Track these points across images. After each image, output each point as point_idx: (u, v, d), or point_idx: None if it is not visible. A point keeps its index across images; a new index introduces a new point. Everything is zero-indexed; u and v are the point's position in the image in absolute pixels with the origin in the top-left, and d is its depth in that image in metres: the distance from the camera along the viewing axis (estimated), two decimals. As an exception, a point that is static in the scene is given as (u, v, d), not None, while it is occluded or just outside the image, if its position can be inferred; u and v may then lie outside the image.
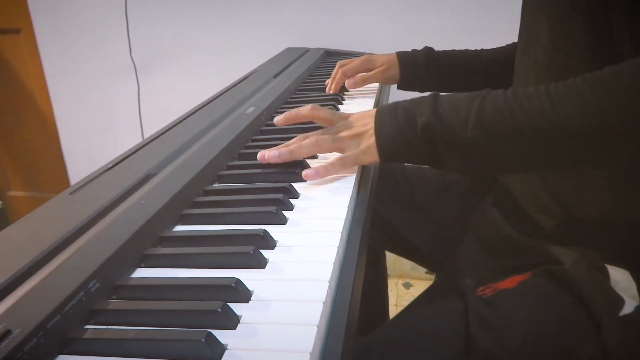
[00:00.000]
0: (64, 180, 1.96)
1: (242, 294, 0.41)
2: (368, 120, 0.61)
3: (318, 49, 1.45)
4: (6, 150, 2.00)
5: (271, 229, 0.51)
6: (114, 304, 0.42)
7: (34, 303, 0.38)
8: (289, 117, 0.70)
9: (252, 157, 0.71)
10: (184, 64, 1.70)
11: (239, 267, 0.46)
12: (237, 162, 0.71)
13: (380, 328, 0.62)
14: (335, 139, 0.63)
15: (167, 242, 0.51)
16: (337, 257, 0.47)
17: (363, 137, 0.61)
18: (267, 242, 0.49)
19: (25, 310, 0.37)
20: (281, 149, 0.65)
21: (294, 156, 0.64)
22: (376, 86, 1.08)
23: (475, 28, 1.44)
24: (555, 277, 0.58)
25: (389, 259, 1.09)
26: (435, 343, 0.58)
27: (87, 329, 0.39)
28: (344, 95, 1.04)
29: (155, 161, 0.64)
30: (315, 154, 0.69)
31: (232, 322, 0.38)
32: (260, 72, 1.19)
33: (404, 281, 1.77)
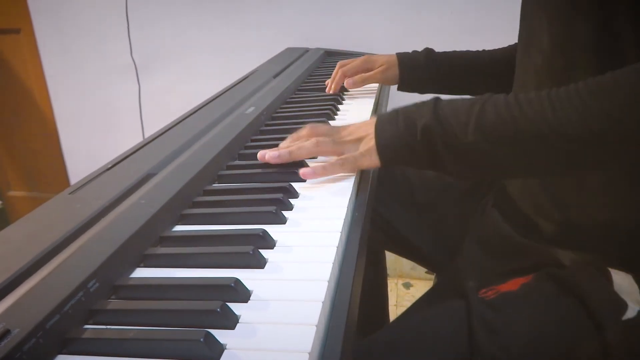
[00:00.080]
0: (64, 180, 1.96)
1: (242, 293, 0.42)
2: (369, 127, 0.61)
3: (318, 49, 1.45)
4: (6, 150, 2.00)
5: (271, 228, 0.51)
6: (114, 303, 0.42)
7: (33, 303, 0.38)
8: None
9: (251, 157, 0.71)
10: (184, 64, 1.70)
11: (238, 267, 0.46)
12: (237, 162, 0.71)
13: (381, 329, 0.62)
14: (335, 141, 0.64)
15: (166, 242, 0.51)
16: (337, 257, 0.47)
17: (363, 141, 0.61)
18: (267, 242, 0.49)
19: (24, 310, 0.37)
20: (281, 149, 0.65)
21: (293, 157, 0.65)
22: (376, 86, 1.08)
23: (475, 28, 1.44)
24: (558, 281, 0.58)
25: (389, 259, 1.09)
26: (437, 344, 0.58)
27: (87, 328, 0.39)
28: (344, 95, 1.04)
29: (155, 161, 0.64)
30: (315, 156, 0.69)
31: (231, 321, 0.38)
32: (260, 72, 1.19)
33: (404, 281, 1.77)
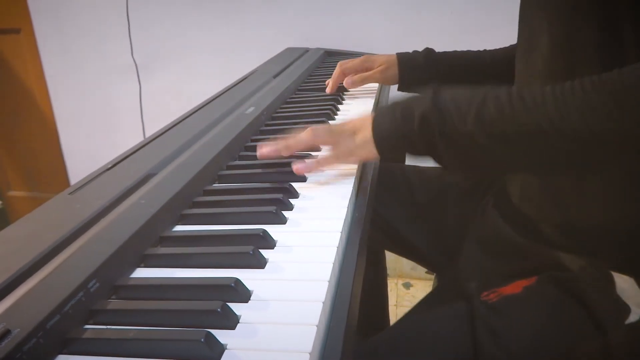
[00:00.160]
0: (64, 180, 1.95)
1: (242, 293, 0.42)
2: (366, 119, 0.61)
3: (318, 49, 1.45)
4: (6, 150, 2.00)
5: (271, 228, 0.51)
6: (114, 303, 0.42)
7: (33, 303, 0.38)
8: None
9: (252, 157, 0.71)
10: (185, 64, 1.70)
11: (238, 267, 0.46)
12: (237, 162, 0.71)
13: (383, 331, 0.62)
14: (332, 132, 0.63)
15: (166, 242, 0.51)
16: (337, 257, 0.47)
17: (360, 131, 0.60)
18: (267, 242, 0.49)
19: (24, 310, 0.37)
20: (278, 143, 0.64)
21: (290, 149, 0.64)
22: (376, 86, 1.08)
23: (475, 28, 1.44)
24: (560, 284, 0.57)
25: (389, 259, 1.09)
26: (439, 346, 0.58)
27: (87, 328, 0.39)
28: (344, 95, 1.04)
29: (155, 161, 0.64)
30: (312, 147, 0.68)
31: (231, 322, 0.38)
32: (260, 72, 1.19)
33: (404, 281, 1.77)
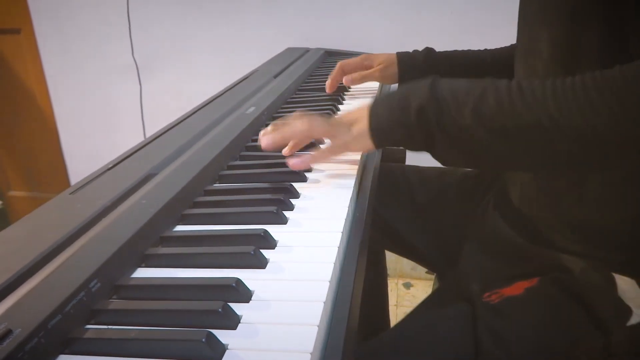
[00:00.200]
0: (64, 180, 1.96)
1: (243, 293, 0.42)
2: (363, 109, 0.59)
3: (318, 49, 1.45)
4: (6, 150, 2.00)
5: (272, 229, 0.51)
6: (115, 303, 0.42)
7: (34, 303, 0.38)
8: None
9: (252, 157, 0.71)
10: (185, 64, 1.70)
11: (239, 267, 0.46)
12: (238, 162, 0.71)
13: (384, 331, 0.61)
14: (329, 123, 0.61)
15: (167, 242, 0.51)
16: (338, 257, 0.47)
17: (357, 123, 0.59)
18: (268, 242, 0.49)
19: (26, 310, 0.37)
20: (275, 134, 0.63)
21: (286, 139, 0.63)
22: (376, 86, 1.08)
23: (475, 28, 1.44)
24: (562, 286, 0.57)
25: (389, 259, 1.09)
26: (441, 347, 0.58)
27: (88, 328, 0.39)
28: (345, 95, 1.04)
29: (156, 161, 0.64)
30: (307, 137, 0.66)
31: (232, 322, 0.38)
32: (261, 72, 1.19)
33: (404, 281, 1.77)
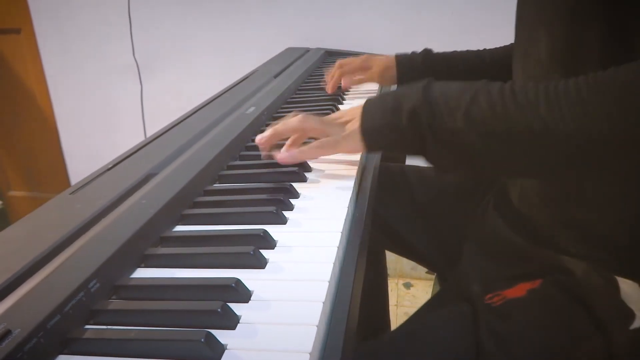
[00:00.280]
0: (64, 180, 1.96)
1: (242, 294, 0.42)
2: (357, 109, 0.59)
3: (318, 49, 1.45)
4: (6, 150, 2.00)
5: (271, 229, 0.51)
6: (114, 304, 0.42)
7: (34, 303, 0.38)
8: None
9: (252, 157, 0.71)
10: (185, 64, 1.70)
11: (239, 267, 0.46)
12: (238, 162, 0.71)
13: (387, 333, 0.61)
14: (322, 121, 0.62)
15: (167, 242, 0.51)
16: (337, 257, 0.47)
17: (349, 124, 0.59)
18: (267, 242, 0.49)
19: (25, 311, 0.37)
20: (268, 131, 0.63)
21: (279, 135, 0.63)
22: (376, 87, 1.08)
23: (475, 28, 1.44)
24: (565, 288, 0.56)
25: (389, 259, 1.09)
26: (443, 349, 0.57)
27: (87, 329, 0.39)
28: (345, 96, 1.04)
29: (155, 161, 0.64)
30: (300, 134, 0.65)
31: (232, 322, 0.38)
32: (261, 72, 1.19)
33: (404, 281, 1.77)
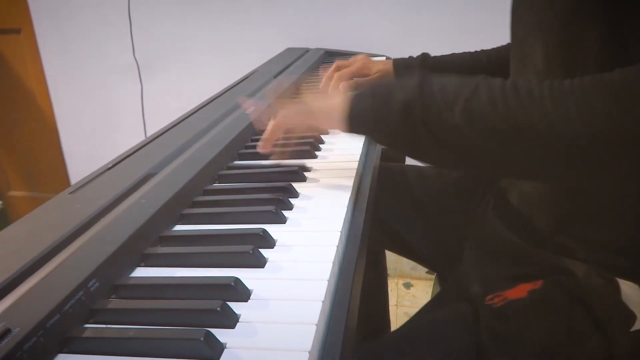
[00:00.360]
0: (64, 180, 1.96)
1: (242, 293, 0.42)
2: (343, 95, 0.56)
3: (318, 49, 1.45)
4: (6, 150, 2.00)
5: (270, 228, 0.51)
6: (114, 303, 0.42)
7: (33, 302, 0.38)
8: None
9: (252, 156, 0.71)
10: (186, 64, 1.70)
11: (238, 266, 0.46)
12: (237, 162, 0.71)
13: (388, 334, 0.61)
14: (303, 110, 0.60)
15: (166, 242, 0.51)
16: (337, 256, 0.47)
17: (331, 101, 0.57)
18: (267, 241, 0.49)
19: (24, 310, 0.37)
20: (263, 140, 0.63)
21: (270, 142, 0.63)
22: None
23: (475, 28, 1.44)
24: (566, 289, 0.56)
25: (389, 259, 1.09)
26: (443, 350, 0.57)
27: (87, 328, 0.39)
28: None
29: (155, 161, 0.65)
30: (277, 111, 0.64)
31: (231, 321, 0.39)
32: (261, 72, 1.19)
33: (404, 281, 1.77)
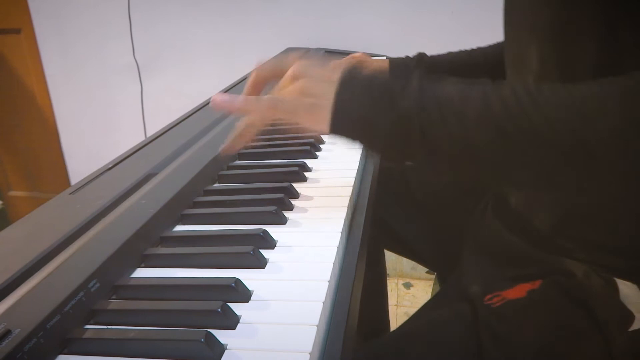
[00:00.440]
0: (64, 180, 1.96)
1: (242, 293, 0.42)
2: (329, 86, 0.48)
3: (318, 49, 1.45)
4: (6, 150, 2.00)
5: (271, 228, 0.51)
6: (114, 304, 0.42)
7: (33, 303, 0.38)
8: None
9: (252, 157, 0.71)
10: (186, 64, 1.70)
11: (238, 267, 0.46)
12: (238, 162, 0.71)
13: (387, 334, 0.61)
14: (290, 102, 0.50)
15: (167, 242, 0.51)
16: (337, 257, 0.47)
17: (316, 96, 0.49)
18: (267, 242, 0.49)
19: (25, 310, 0.37)
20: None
21: (246, 139, 0.54)
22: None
23: (475, 28, 1.43)
24: (565, 289, 0.56)
25: (389, 259, 1.09)
26: (443, 350, 0.57)
27: (87, 329, 0.39)
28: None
29: (155, 161, 0.65)
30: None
31: (231, 321, 0.38)
32: (261, 72, 1.19)
33: (404, 281, 1.77)
